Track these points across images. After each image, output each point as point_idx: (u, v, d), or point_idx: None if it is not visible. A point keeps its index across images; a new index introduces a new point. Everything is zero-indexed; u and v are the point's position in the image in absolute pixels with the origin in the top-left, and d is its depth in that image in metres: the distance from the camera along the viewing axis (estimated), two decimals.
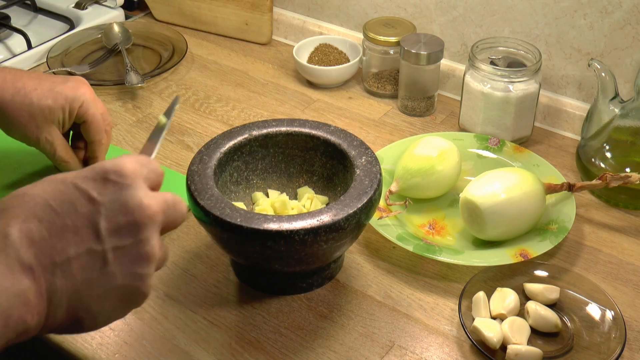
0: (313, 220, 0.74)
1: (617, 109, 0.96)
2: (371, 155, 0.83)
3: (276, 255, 0.76)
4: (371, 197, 0.78)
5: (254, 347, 0.78)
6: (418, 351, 0.78)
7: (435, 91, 1.15)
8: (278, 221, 0.74)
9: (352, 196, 0.77)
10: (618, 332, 0.76)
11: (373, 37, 1.15)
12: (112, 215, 0.52)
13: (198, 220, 0.78)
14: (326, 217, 0.74)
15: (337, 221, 0.74)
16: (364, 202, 0.77)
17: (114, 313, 0.54)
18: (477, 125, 1.06)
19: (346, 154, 0.84)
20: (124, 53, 1.26)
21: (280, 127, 0.88)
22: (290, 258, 0.76)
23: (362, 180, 0.79)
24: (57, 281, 0.50)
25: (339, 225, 0.74)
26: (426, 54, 1.09)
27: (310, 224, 0.73)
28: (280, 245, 0.74)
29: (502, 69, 1.03)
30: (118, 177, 0.53)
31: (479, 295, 0.80)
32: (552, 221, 0.90)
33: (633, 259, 0.89)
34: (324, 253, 0.77)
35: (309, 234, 0.73)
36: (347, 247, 0.82)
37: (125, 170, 0.54)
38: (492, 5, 1.12)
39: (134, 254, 0.53)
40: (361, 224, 0.78)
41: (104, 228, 0.52)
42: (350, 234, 0.77)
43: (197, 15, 1.37)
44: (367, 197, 0.77)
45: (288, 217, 0.74)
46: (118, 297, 0.53)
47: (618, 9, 1.01)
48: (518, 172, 0.90)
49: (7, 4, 1.41)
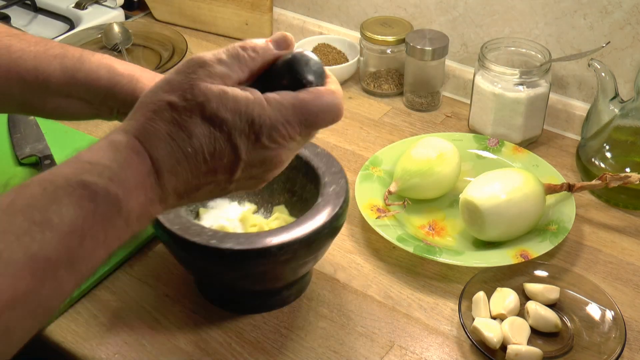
0: (239, 243, 0.71)
1: (617, 109, 0.96)
2: (342, 185, 0.79)
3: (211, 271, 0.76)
4: (315, 230, 0.73)
5: (254, 347, 0.78)
6: (418, 351, 0.78)
7: (440, 86, 1.15)
8: (211, 237, 0.72)
9: (297, 223, 0.74)
10: (618, 332, 0.76)
11: (370, 36, 1.16)
12: (247, 167, 0.56)
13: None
14: (258, 242, 0.72)
15: (269, 247, 0.71)
16: (300, 235, 0.72)
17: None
18: (488, 126, 1.06)
19: (319, 180, 0.80)
20: (124, 53, 1.26)
21: None
22: (222, 274, 0.76)
23: (317, 210, 0.75)
24: (180, 202, 0.56)
25: (269, 252, 0.71)
26: (431, 49, 1.10)
27: (232, 247, 0.71)
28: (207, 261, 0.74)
29: (512, 69, 1.03)
30: (267, 140, 0.54)
31: (479, 295, 0.80)
32: (552, 221, 0.90)
33: (633, 259, 0.89)
34: (253, 276, 0.76)
35: (234, 256, 0.71)
36: (284, 273, 0.78)
37: (273, 135, 0.54)
38: (492, 5, 1.12)
39: (255, 184, 0.59)
40: (296, 256, 0.74)
41: (238, 175, 0.56)
42: (281, 264, 0.73)
43: (197, 15, 1.37)
44: (307, 229, 0.73)
45: (223, 235, 0.73)
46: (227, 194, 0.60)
47: (618, 9, 1.01)
48: (518, 173, 0.90)
49: (7, 4, 1.41)
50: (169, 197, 0.54)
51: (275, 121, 0.54)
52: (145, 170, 0.52)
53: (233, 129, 0.53)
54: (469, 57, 1.18)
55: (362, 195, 0.93)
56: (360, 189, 0.94)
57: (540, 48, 1.05)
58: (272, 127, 0.54)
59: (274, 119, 0.54)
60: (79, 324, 0.80)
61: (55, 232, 0.47)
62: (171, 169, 0.53)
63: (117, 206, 0.50)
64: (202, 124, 0.53)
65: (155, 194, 0.53)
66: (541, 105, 1.05)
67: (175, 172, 0.53)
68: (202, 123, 0.53)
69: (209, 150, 0.53)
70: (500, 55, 1.07)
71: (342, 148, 1.08)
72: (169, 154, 0.53)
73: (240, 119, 0.53)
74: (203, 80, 0.53)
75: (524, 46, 1.07)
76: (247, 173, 0.56)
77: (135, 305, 0.82)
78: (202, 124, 0.53)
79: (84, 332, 0.79)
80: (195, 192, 0.56)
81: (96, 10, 1.41)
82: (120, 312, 0.81)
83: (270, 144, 0.55)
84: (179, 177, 0.53)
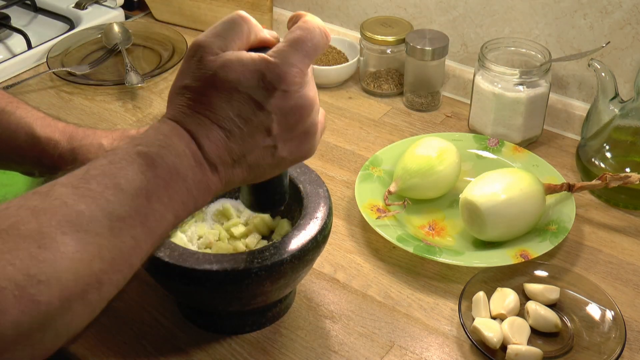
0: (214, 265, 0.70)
1: (617, 109, 0.96)
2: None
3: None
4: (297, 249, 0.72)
5: (254, 347, 0.78)
6: (418, 351, 0.78)
7: (440, 86, 1.15)
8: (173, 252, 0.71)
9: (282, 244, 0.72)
10: (618, 332, 0.76)
11: (370, 36, 1.16)
12: (282, 119, 0.59)
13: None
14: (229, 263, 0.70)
15: (246, 269, 0.69)
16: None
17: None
18: (488, 126, 1.06)
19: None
20: (124, 53, 1.26)
21: None
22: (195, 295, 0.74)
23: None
24: (235, 172, 0.59)
25: (245, 274, 0.70)
26: (431, 49, 1.10)
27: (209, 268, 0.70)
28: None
29: (512, 69, 1.03)
30: (286, 86, 0.58)
31: (479, 295, 0.80)
32: (552, 221, 0.90)
33: (633, 259, 0.89)
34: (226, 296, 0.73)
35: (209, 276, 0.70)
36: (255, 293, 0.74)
37: (288, 79, 0.58)
38: (492, 5, 1.12)
39: (301, 137, 0.61)
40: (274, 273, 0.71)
41: (275, 130, 0.59)
42: (248, 288, 0.71)
43: (197, 15, 1.37)
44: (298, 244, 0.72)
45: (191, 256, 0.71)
46: (288, 165, 0.63)
47: (618, 9, 1.01)
48: (518, 173, 0.90)
49: (7, 4, 1.41)
50: (218, 166, 0.58)
51: (283, 66, 0.58)
52: (185, 139, 0.57)
53: (248, 88, 0.57)
54: (469, 57, 1.18)
55: (362, 195, 0.93)
56: (360, 189, 0.94)
57: (540, 48, 1.05)
58: (283, 73, 0.58)
59: (281, 65, 0.58)
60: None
61: (125, 194, 0.52)
62: (206, 136, 0.57)
63: (173, 170, 0.55)
64: (219, 94, 0.57)
65: (202, 160, 0.57)
66: (541, 105, 1.05)
67: (212, 139, 0.57)
68: (218, 93, 0.57)
69: (235, 113, 0.58)
70: (500, 55, 1.07)
71: (342, 148, 1.08)
72: (199, 125, 0.57)
73: (251, 77, 0.57)
74: (206, 58, 0.58)
75: (524, 46, 1.07)
76: (284, 125, 0.59)
77: (135, 305, 0.82)
78: (218, 94, 0.57)
79: (84, 332, 0.79)
80: (244, 159, 0.59)
81: (96, 10, 1.41)
82: (120, 312, 0.81)
83: (289, 88, 0.58)
84: (219, 144, 0.58)
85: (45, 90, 1.22)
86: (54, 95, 1.20)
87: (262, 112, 0.58)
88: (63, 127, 0.83)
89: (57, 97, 1.20)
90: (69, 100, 1.19)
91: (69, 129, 0.83)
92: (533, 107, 1.04)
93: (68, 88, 1.22)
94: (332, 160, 1.05)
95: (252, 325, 0.79)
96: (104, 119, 1.15)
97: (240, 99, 0.57)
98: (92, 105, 1.18)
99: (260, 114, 0.58)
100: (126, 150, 0.55)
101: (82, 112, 1.16)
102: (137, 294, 0.84)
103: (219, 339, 0.79)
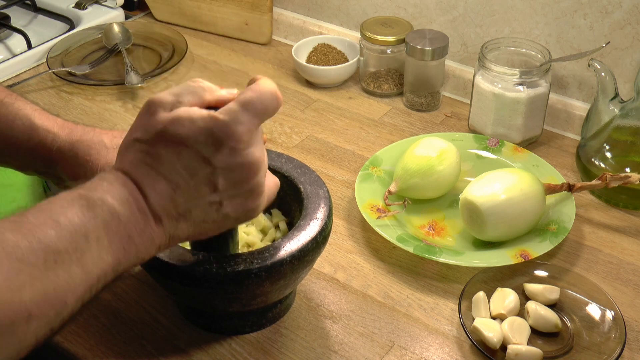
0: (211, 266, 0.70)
1: (617, 109, 0.96)
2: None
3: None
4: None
5: (254, 347, 0.78)
6: (418, 351, 0.78)
7: (440, 86, 1.15)
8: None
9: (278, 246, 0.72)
10: (618, 332, 0.76)
11: (370, 36, 1.16)
12: (228, 175, 0.60)
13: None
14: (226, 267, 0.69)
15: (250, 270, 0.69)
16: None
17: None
18: (488, 126, 1.06)
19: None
20: (124, 53, 1.26)
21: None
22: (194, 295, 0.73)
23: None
24: (179, 225, 0.60)
25: (246, 274, 0.69)
26: (431, 49, 1.10)
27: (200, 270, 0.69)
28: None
29: (512, 69, 1.03)
30: (233, 143, 0.59)
31: (479, 295, 0.80)
32: (552, 221, 0.90)
33: (633, 259, 0.89)
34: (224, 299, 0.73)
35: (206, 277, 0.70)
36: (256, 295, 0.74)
37: (236, 137, 0.59)
38: (492, 5, 1.12)
39: (247, 196, 0.62)
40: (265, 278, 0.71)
41: (221, 185, 0.60)
42: (245, 291, 0.71)
43: (197, 15, 1.37)
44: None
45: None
46: (232, 224, 0.64)
47: (618, 9, 1.01)
48: (518, 173, 0.90)
49: (7, 4, 1.41)
50: (163, 218, 0.59)
51: (231, 124, 0.59)
52: (130, 187, 0.58)
53: (196, 143, 0.59)
54: (469, 57, 1.18)
55: (362, 195, 0.93)
56: (360, 189, 0.94)
57: (540, 48, 1.05)
58: (230, 130, 0.59)
59: (230, 122, 0.59)
60: (79, 324, 0.80)
61: (63, 229, 0.53)
62: (152, 187, 0.59)
63: (114, 213, 0.56)
64: (168, 148, 0.59)
65: (147, 210, 0.58)
66: (541, 105, 1.05)
67: (158, 190, 0.59)
68: (167, 147, 0.59)
69: (183, 166, 0.59)
70: (500, 55, 1.07)
71: (342, 148, 1.08)
72: (145, 175, 0.59)
73: (200, 132, 0.59)
74: (158, 113, 0.60)
75: (524, 46, 1.07)
76: (230, 181, 0.60)
77: (135, 305, 0.82)
78: (167, 148, 0.59)
79: (84, 332, 0.79)
80: (189, 214, 0.60)
81: (96, 10, 1.41)
82: (120, 312, 0.81)
83: (236, 145, 0.59)
84: (164, 195, 0.59)
85: (45, 90, 1.22)
86: (54, 95, 1.21)
87: (209, 167, 0.59)
88: (62, 122, 0.82)
89: (57, 97, 1.20)
90: (69, 100, 1.19)
91: (68, 124, 0.82)
92: (533, 107, 1.04)
93: (68, 88, 1.22)
94: (332, 160, 1.05)
95: (252, 326, 0.79)
96: (104, 119, 1.15)
97: (188, 154, 0.59)
98: (92, 105, 1.18)
99: (207, 169, 0.59)
100: (67, 193, 0.56)
101: (82, 112, 1.16)
102: (137, 294, 0.84)
103: (219, 339, 0.79)
